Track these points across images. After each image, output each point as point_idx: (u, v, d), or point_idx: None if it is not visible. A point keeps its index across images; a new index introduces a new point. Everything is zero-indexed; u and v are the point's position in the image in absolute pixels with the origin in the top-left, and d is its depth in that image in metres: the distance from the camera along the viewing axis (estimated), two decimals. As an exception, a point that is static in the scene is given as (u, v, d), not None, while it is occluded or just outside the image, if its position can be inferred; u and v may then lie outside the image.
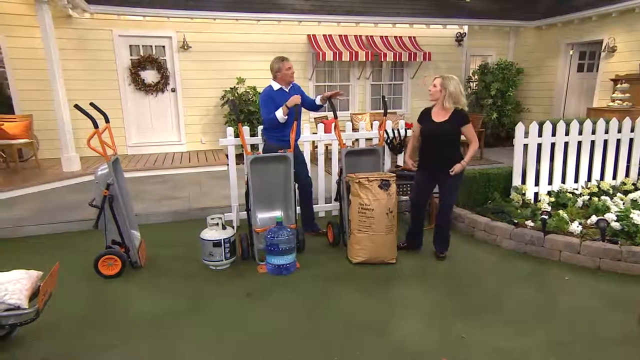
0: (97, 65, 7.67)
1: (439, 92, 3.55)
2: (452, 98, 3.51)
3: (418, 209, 3.94)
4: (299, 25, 8.55)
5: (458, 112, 3.56)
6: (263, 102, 4.05)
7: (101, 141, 3.41)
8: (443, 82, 3.52)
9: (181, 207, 5.22)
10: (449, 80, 3.52)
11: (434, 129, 3.62)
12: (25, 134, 6.78)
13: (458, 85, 3.54)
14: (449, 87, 3.49)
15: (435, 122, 3.62)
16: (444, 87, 3.51)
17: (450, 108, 3.54)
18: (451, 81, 3.52)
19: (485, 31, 10.06)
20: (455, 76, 3.62)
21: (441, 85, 3.53)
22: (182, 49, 8.03)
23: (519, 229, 4.07)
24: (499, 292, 3.31)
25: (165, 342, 2.72)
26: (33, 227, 4.59)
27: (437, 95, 3.57)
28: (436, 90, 3.56)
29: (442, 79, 3.54)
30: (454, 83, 3.51)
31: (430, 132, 3.65)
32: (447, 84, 3.50)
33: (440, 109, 3.61)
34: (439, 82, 3.55)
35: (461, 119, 3.57)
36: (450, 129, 3.57)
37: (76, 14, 7.27)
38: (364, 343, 2.69)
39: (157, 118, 8.32)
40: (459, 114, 3.57)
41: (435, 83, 3.57)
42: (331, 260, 3.91)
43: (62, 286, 3.33)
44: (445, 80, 3.53)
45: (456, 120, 3.56)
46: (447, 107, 3.54)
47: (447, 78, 3.54)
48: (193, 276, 3.62)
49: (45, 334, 2.78)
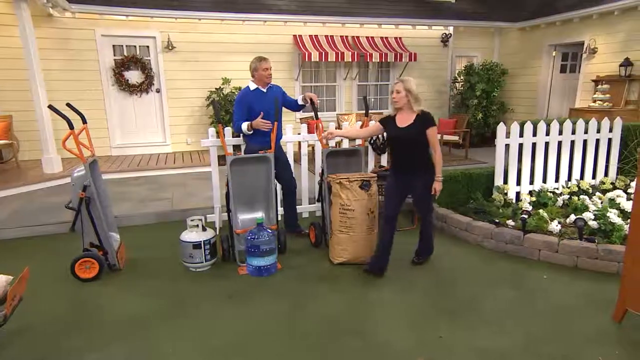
0: (80, 66, 7.56)
1: (404, 97, 3.37)
2: (418, 100, 3.37)
3: (392, 225, 3.55)
4: (284, 26, 8.53)
5: (423, 114, 3.40)
6: (236, 104, 4.07)
7: (77, 142, 3.35)
8: (405, 85, 3.35)
9: (165, 209, 5.17)
10: (409, 82, 3.37)
11: (400, 135, 3.44)
12: (4, 135, 6.66)
13: (416, 86, 3.41)
14: (412, 89, 3.35)
15: (401, 128, 3.43)
16: (408, 90, 3.35)
17: (417, 111, 3.39)
18: (411, 83, 3.37)
19: (470, 32, 10.15)
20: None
21: (405, 90, 3.35)
22: (166, 49, 7.95)
23: (500, 229, 4.10)
24: (478, 292, 3.34)
25: (144, 344, 2.68)
26: (11, 230, 4.51)
27: (403, 101, 3.39)
28: (401, 96, 3.37)
29: (403, 83, 3.37)
30: (414, 84, 3.38)
31: (397, 138, 3.49)
32: (410, 86, 3.35)
33: (405, 114, 3.44)
34: (402, 86, 3.36)
35: (427, 121, 3.38)
36: (417, 134, 3.38)
37: (57, 13, 7.16)
38: (344, 344, 2.68)
39: (141, 119, 8.23)
40: (425, 116, 3.39)
41: (398, 89, 3.38)
42: (313, 261, 3.91)
43: (38, 290, 3.29)
44: (406, 83, 3.36)
45: (422, 123, 3.38)
46: (415, 111, 3.38)
47: (407, 81, 3.38)
48: (173, 278, 3.59)
49: (21, 339, 2.73)
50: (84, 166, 3.40)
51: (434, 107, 10.09)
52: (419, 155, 3.46)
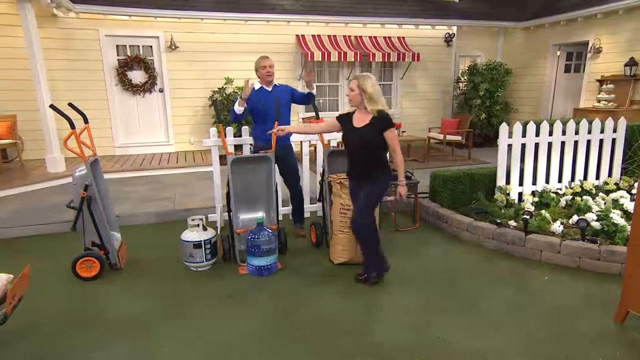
0: (83, 66, 7.60)
1: (358, 96, 3.13)
2: (372, 100, 3.11)
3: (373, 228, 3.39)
4: (287, 26, 8.53)
5: (380, 115, 3.13)
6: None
7: (79, 142, 3.37)
8: (359, 83, 3.11)
9: (166, 208, 5.18)
10: (364, 79, 3.11)
11: (354, 135, 3.23)
12: (8, 135, 6.71)
13: (376, 84, 3.15)
14: (367, 87, 3.09)
15: (356, 128, 3.20)
16: (362, 88, 3.10)
17: (373, 111, 3.13)
18: (367, 80, 3.11)
19: (474, 32, 10.11)
20: (371, 74, 3.23)
21: (358, 88, 3.11)
22: (169, 49, 7.98)
23: (501, 229, 4.08)
24: (479, 292, 3.32)
25: (144, 344, 2.69)
26: (14, 228, 4.53)
27: (357, 99, 3.16)
28: (355, 94, 3.14)
29: (357, 80, 3.13)
30: (370, 82, 3.11)
31: (351, 138, 3.27)
32: (364, 84, 3.09)
33: (361, 114, 3.21)
34: (355, 84, 3.13)
35: (383, 123, 3.13)
36: (372, 135, 3.15)
37: (61, 13, 7.20)
38: (343, 344, 2.68)
39: (144, 119, 8.26)
40: (381, 117, 3.13)
41: (352, 86, 3.15)
42: (313, 261, 3.90)
43: (40, 289, 3.31)
44: (361, 80, 3.11)
45: (378, 125, 3.13)
46: (370, 110, 3.13)
47: (362, 77, 3.12)
48: (174, 277, 3.59)
49: (21, 338, 2.74)
50: (85, 165, 3.42)
51: (437, 107, 10.08)
52: (374, 159, 3.22)
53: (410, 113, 9.85)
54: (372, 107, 3.11)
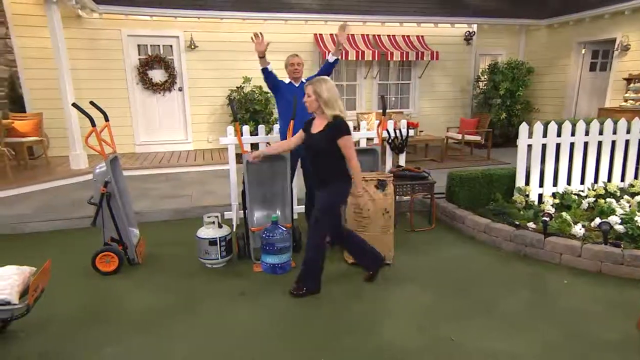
0: (106, 65, 7.79)
1: (314, 102, 3.03)
2: (328, 105, 3.00)
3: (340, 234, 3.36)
4: (305, 25, 8.55)
5: (335, 122, 3.02)
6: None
7: (99, 139, 3.45)
8: (315, 88, 3.02)
9: (184, 205, 5.26)
10: (319, 84, 3.02)
11: (310, 142, 3.16)
12: (35, 132, 6.91)
13: (332, 88, 3.05)
14: (322, 92, 2.99)
15: (312, 134, 3.13)
16: (318, 93, 3.01)
17: (329, 117, 3.02)
18: (323, 85, 3.01)
19: (495, 30, 9.92)
20: (327, 77, 3.14)
21: (314, 93, 3.02)
22: (189, 48, 8.10)
23: (520, 231, 4.00)
24: (495, 294, 3.26)
25: (159, 339, 2.74)
26: (37, 223, 4.68)
27: (313, 104, 3.06)
28: (311, 99, 3.05)
29: (313, 85, 3.03)
30: (326, 86, 3.02)
31: (307, 144, 3.21)
32: (319, 89, 3.00)
33: (319, 119, 3.12)
34: (311, 89, 3.03)
35: (336, 130, 3.00)
36: (324, 143, 3.03)
37: (85, 14, 7.39)
38: (354, 343, 2.67)
39: (164, 117, 8.41)
40: (335, 124, 3.01)
41: (308, 92, 3.05)
42: (327, 260, 3.87)
43: (60, 282, 3.40)
44: (316, 85, 3.02)
45: (330, 132, 3.01)
46: (327, 117, 3.04)
47: (317, 82, 3.04)
48: (189, 274, 3.65)
49: (42, 330, 2.83)
50: (105, 162, 3.50)
51: (455, 106, 9.94)
52: (328, 166, 3.10)
53: (428, 112, 9.74)
54: (329, 112, 3.02)
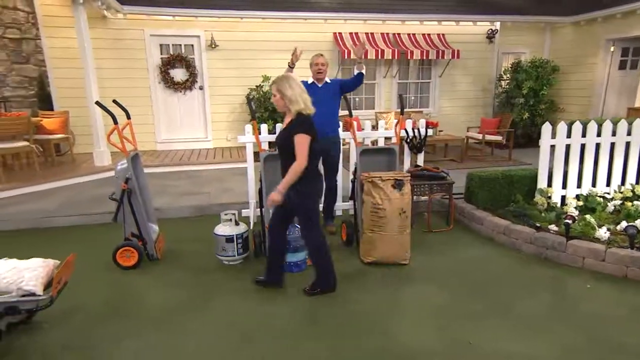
0: (129, 64, 7.97)
1: (280, 100, 3.00)
2: (292, 101, 2.95)
3: (272, 235, 3.29)
4: (325, 24, 8.55)
5: (297, 118, 2.98)
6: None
7: (121, 137, 3.54)
8: (278, 87, 2.98)
9: (203, 203, 5.34)
10: (282, 82, 2.98)
11: (277, 140, 3.14)
12: (62, 130, 7.13)
13: (295, 84, 2.99)
14: (285, 90, 2.95)
15: (279, 132, 3.14)
16: (282, 92, 2.97)
17: (294, 114, 2.98)
18: (285, 83, 2.97)
19: (518, 27, 9.70)
20: (290, 74, 3.10)
21: (278, 92, 2.98)
22: (209, 47, 8.21)
23: (541, 233, 3.90)
24: (513, 297, 3.19)
25: (175, 334, 2.79)
26: (62, 218, 4.83)
27: (280, 103, 3.03)
28: (277, 99, 3.02)
29: (276, 84, 2.99)
30: (288, 83, 2.97)
31: (275, 143, 3.17)
32: (282, 88, 2.96)
33: (287, 117, 3.08)
34: (275, 88, 3.00)
35: (295, 126, 2.94)
36: (285, 140, 2.98)
37: (110, 14, 7.57)
38: (368, 343, 2.66)
39: (184, 115, 8.55)
40: (296, 120, 2.97)
41: (273, 91, 3.02)
42: (343, 259, 3.89)
43: (83, 275, 3.50)
44: (279, 84, 2.98)
45: (291, 128, 2.97)
46: (292, 113, 2.99)
47: (280, 81, 2.99)
48: (206, 270, 3.70)
49: (65, 321, 2.93)
50: (127, 159, 3.58)
51: (476, 105, 9.78)
52: (288, 165, 2.97)
53: (448, 112, 9.61)
54: (293, 108, 2.97)
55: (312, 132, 2.97)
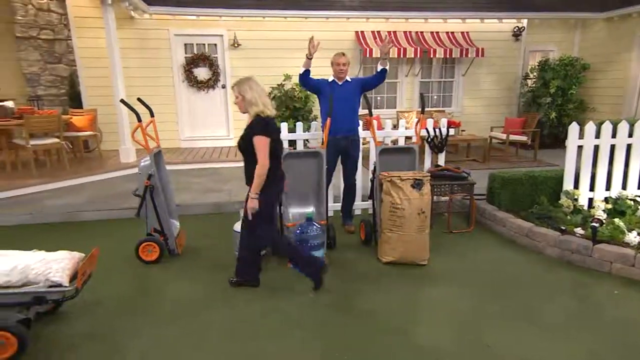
0: (155, 63, 8.15)
1: (242, 102, 3.05)
2: (252, 104, 3.01)
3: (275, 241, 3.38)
4: (347, 22, 8.52)
5: (254, 120, 3.03)
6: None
7: (144, 134, 3.62)
8: (239, 89, 3.03)
9: (223, 200, 5.41)
10: (242, 85, 3.03)
11: (238, 143, 3.15)
12: (90, 127, 7.37)
13: (254, 86, 3.04)
14: (245, 93, 3.00)
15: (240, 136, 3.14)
16: (242, 94, 3.02)
17: (252, 115, 3.04)
18: (245, 85, 3.02)
19: (547, 24, 9.43)
20: (251, 76, 3.12)
21: (239, 94, 3.03)
22: (232, 46, 8.31)
23: (566, 236, 3.79)
24: (536, 300, 3.12)
25: (192, 328, 2.84)
26: (88, 212, 5.00)
27: (241, 105, 3.07)
28: (239, 101, 3.06)
29: (237, 87, 3.04)
30: (248, 85, 3.02)
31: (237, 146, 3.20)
32: (242, 90, 3.02)
33: (248, 119, 3.12)
34: (236, 90, 3.04)
35: (252, 128, 2.99)
36: (244, 142, 3.04)
37: (137, 15, 7.76)
38: (385, 344, 2.65)
39: (207, 113, 8.68)
40: (253, 122, 3.02)
41: (235, 93, 3.07)
42: (361, 259, 3.89)
43: (106, 268, 3.61)
44: (240, 86, 3.03)
45: (249, 130, 3.01)
46: (251, 115, 3.05)
47: (240, 83, 3.05)
48: (225, 266, 3.73)
49: (89, 312, 3.03)
50: (149, 156, 3.67)
51: (501, 104, 9.56)
52: (252, 167, 3.02)
53: (471, 111, 9.43)
54: (252, 110, 3.03)
55: (271, 133, 3.01)
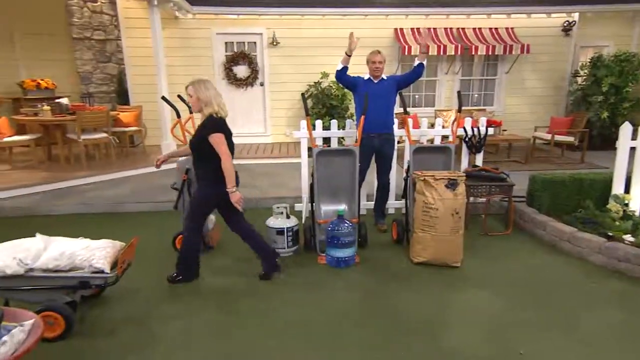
0: (197, 62, 8.41)
1: (196, 102, 3.12)
2: (206, 104, 3.10)
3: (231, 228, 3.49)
4: (385, 19, 8.42)
5: (207, 120, 3.11)
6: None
7: (183, 130, 3.76)
8: (194, 89, 3.11)
9: (258, 195, 5.52)
10: (198, 85, 3.11)
11: (190, 142, 3.23)
12: (135, 123, 7.73)
13: (209, 87, 3.13)
14: (200, 93, 3.09)
15: (193, 135, 3.21)
16: (197, 95, 3.10)
17: (205, 115, 3.12)
18: (200, 85, 3.11)
19: (601, 18, 8.89)
20: (206, 78, 3.18)
21: (194, 93, 3.11)
22: (271, 44, 8.43)
23: (613, 243, 3.58)
24: (576, 310, 2.97)
25: (222, 318, 2.93)
26: (130, 204, 5.25)
27: (196, 105, 3.14)
28: (193, 100, 3.13)
29: (193, 87, 3.12)
30: (204, 86, 3.11)
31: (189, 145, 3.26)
32: (198, 90, 3.10)
33: (200, 118, 3.19)
34: (192, 90, 3.12)
35: (204, 128, 3.08)
36: (198, 141, 3.13)
37: (181, 15, 8.04)
38: (411, 345, 2.61)
39: (245, 111, 8.86)
40: (207, 122, 3.10)
41: (190, 92, 3.13)
42: (392, 258, 3.85)
43: (144, 258, 3.77)
44: (196, 86, 3.11)
45: (202, 130, 3.10)
46: (205, 115, 3.13)
47: (196, 83, 3.12)
48: (257, 261, 3.81)
49: (127, 298, 3.19)
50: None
51: (546, 103, 9.13)
52: (202, 166, 3.18)
53: (514, 110, 9.06)
54: (206, 110, 3.11)
55: (224, 130, 3.14)
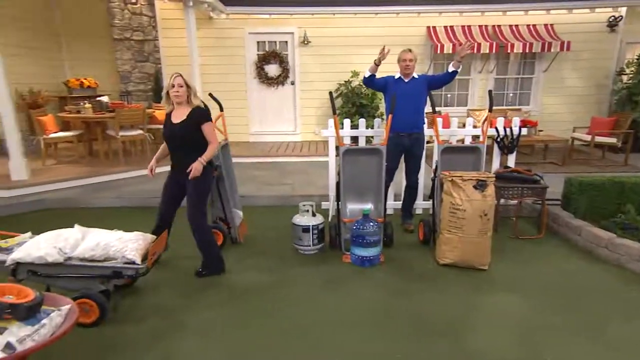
0: (229, 61, 8.58)
1: (185, 92, 3.28)
2: (196, 95, 3.32)
3: (161, 218, 3.59)
4: (418, 17, 8.30)
5: (199, 109, 3.32)
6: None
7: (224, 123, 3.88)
8: (185, 79, 3.27)
9: (285, 193, 5.59)
10: (187, 76, 3.32)
11: (173, 131, 3.32)
12: (170, 120, 7.98)
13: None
14: (191, 83, 3.31)
15: (175, 124, 3.32)
16: (188, 84, 3.28)
17: (193, 106, 3.30)
18: (189, 79, 3.34)
19: (650, 12, 8.41)
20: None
21: (185, 84, 3.27)
22: (302, 44, 8.48)
23: (653, 251, 3.39)
24: (609, 318, 2.84)
25: (246, 312, 3.00)
26: (164, 198, 5.43)
27: (184, 94, 3.27)
28: (183, 89, 3.26)
29: (182, 77, 3.27)
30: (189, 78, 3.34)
31: (170, 134, 3.36)
32: (187, 80, 3.29)
33: (181, 109, 3.32)
34: (181, 80, 3.26)
35: (202, 116, 3.32)
36: (190, 129, 3.28)
37: (215, 15, 8.23)
38: (434, 347, 2.58)
39: (276, 109, 8.97)
40: (200, 111, 3.32)
41: (180, 82, 3.25)
42: (417, 259, 3.81)
43: (173, 250, 3.90)
44: (184, 76, 3.28)
45: (196, 118, 3.29)
46: (191, 105, 3.30)
47: (184, 75, 3.29)
48: (282, 257, 3.88)
49: (157, 288, 3.31)
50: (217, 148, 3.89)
51: (587, 103, 8.73)
52: (192, 153, 3.29)
53: (551, 110, 8.72)
54: (195, 101, 3.30)
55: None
